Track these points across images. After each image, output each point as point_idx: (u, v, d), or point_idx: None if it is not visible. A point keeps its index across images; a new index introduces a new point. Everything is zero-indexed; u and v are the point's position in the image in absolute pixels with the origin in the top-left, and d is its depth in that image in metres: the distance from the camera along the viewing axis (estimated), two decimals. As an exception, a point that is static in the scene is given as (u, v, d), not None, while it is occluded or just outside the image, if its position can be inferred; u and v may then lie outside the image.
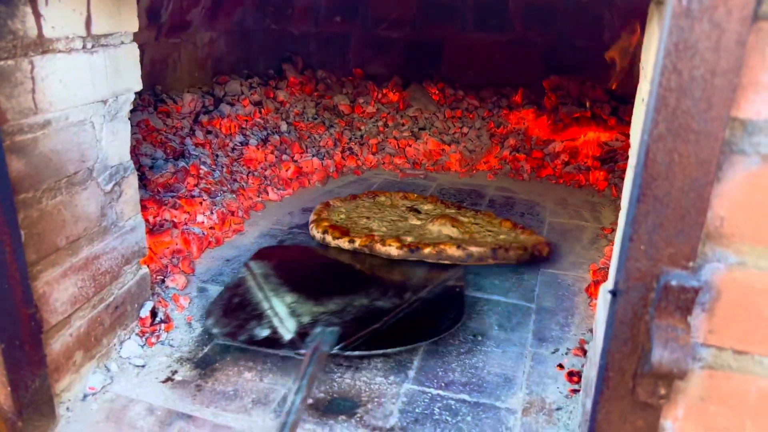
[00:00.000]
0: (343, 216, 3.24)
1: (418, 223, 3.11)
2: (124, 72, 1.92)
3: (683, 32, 0.93)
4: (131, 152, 2.08)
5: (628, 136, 4.16)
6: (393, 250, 2.73)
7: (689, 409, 1.12)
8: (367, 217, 3.23)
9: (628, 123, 4.26)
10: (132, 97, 1.98)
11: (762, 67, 0.95)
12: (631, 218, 1.03)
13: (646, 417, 1.13)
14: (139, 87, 2.00)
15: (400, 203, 3.46)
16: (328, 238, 2.98)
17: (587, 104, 4.43)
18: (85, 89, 1.75)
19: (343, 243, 2.89)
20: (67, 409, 1.82)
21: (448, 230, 2.94)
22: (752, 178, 0.99)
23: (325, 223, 3.06)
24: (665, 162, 0.99)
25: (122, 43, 1.91)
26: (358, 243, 2.84)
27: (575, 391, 1.98)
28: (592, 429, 1.18)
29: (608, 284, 1.74)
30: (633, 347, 1.09)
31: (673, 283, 1.00)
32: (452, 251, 2.69)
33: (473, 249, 2.72)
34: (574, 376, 2.04)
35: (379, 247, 2.76)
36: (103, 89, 1.83)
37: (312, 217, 3.24)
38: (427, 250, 2.67)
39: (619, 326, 1.09)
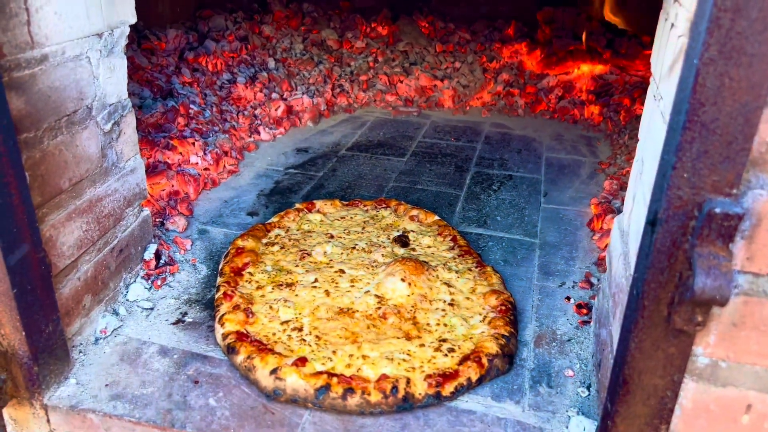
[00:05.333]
0: (276, 250, 2.28)
1: (381, 261, 2.22)
2: (118, 3, 1.81)
3: (743, -53, 0.88)
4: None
5: (622, 68, 4.11)
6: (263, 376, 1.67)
7: (721, 335, 1.13)
8: (330, 236, 2.39)
9: (624, 55, 4.20)
10: (127, 30, 1.88)
11: (820, -16, 0.91)
12: (675, 146, 1.01)
13: (678, 344, 1.14)
14: (133, 19, 1.89)
15: (401, 225, 2.52)
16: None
17: (583, 37, 4.34)
18: (80, 21, 1.65)
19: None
20: (80, 352, 1.80)
21: (395, 284, 2.03)
22: (803, 101, 0.96)
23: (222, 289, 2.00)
24: (715, 87, 0.96)
25: (114, -29, 1.79)
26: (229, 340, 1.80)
27: (585, 322, 2.01)
28: (623, 357, 1.20)
29: (624, 216, 1.74)
30: (670, 276, 1.08)
31: (717, 210, 0.99)
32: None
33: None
34: (583, 308, 2.07)
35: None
36: (98, 22, 1.73)
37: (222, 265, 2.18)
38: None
39: (657, 255, 1.08)
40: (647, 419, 1.23)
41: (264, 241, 2.36)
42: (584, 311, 2.06)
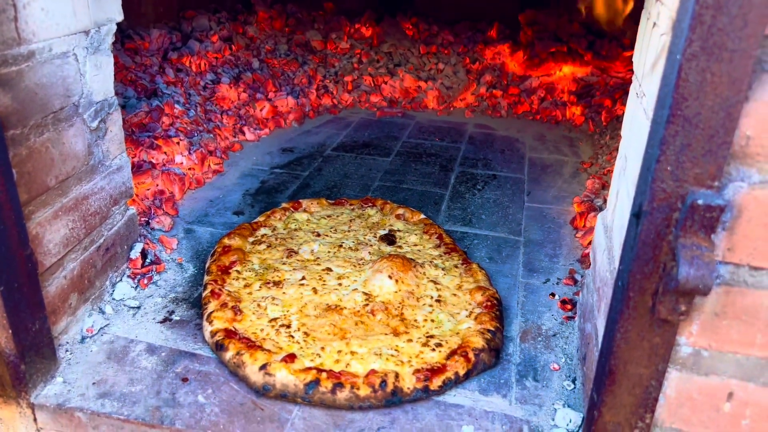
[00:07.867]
0: (263, 247, 2.30)
1: (368, 258, 2.24)
2: (105, 0, 1.80)
3: (723, -54, 0.91)
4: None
5: (603, 70, 4.17)
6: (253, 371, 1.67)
7: (703, 324, 1.17)
8: (317, 235, 2.41)
9: (605, 57, 4.27)
10: (114, 28, 1.87)
11: (797, -18, 0.94)
12: (658, 140, 1.04)
13: (662, 334, 1.17)
14: (120, 17, 1.89)
15: (387, 223, 2.54)
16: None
17: (564, 39, 4.39)
18: (67, 18, 1.64)
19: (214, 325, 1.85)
20: (67, 351, 1.79)
21: (382, 281, 2.05)
22: (781, 96, 1.00)
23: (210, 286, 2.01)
24: (697, 82, 0.99)
25: (100, -32, 1.79)
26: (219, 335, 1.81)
27: (569, 318, 2.04)
28: (609, 348, 1.22)
29: (607, 212, 1.78)
30: (655, 267, 1.11)
31: (700, 202, 1.02)
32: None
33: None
34: (567, 303, 2.10)
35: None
36: (84, 19, 1.72)
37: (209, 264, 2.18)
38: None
39: (642, 247, 1.11)
40: (633, 408, 1.26)
41: (251, 239, 2.36)
42: (568, 307, 2.09)
